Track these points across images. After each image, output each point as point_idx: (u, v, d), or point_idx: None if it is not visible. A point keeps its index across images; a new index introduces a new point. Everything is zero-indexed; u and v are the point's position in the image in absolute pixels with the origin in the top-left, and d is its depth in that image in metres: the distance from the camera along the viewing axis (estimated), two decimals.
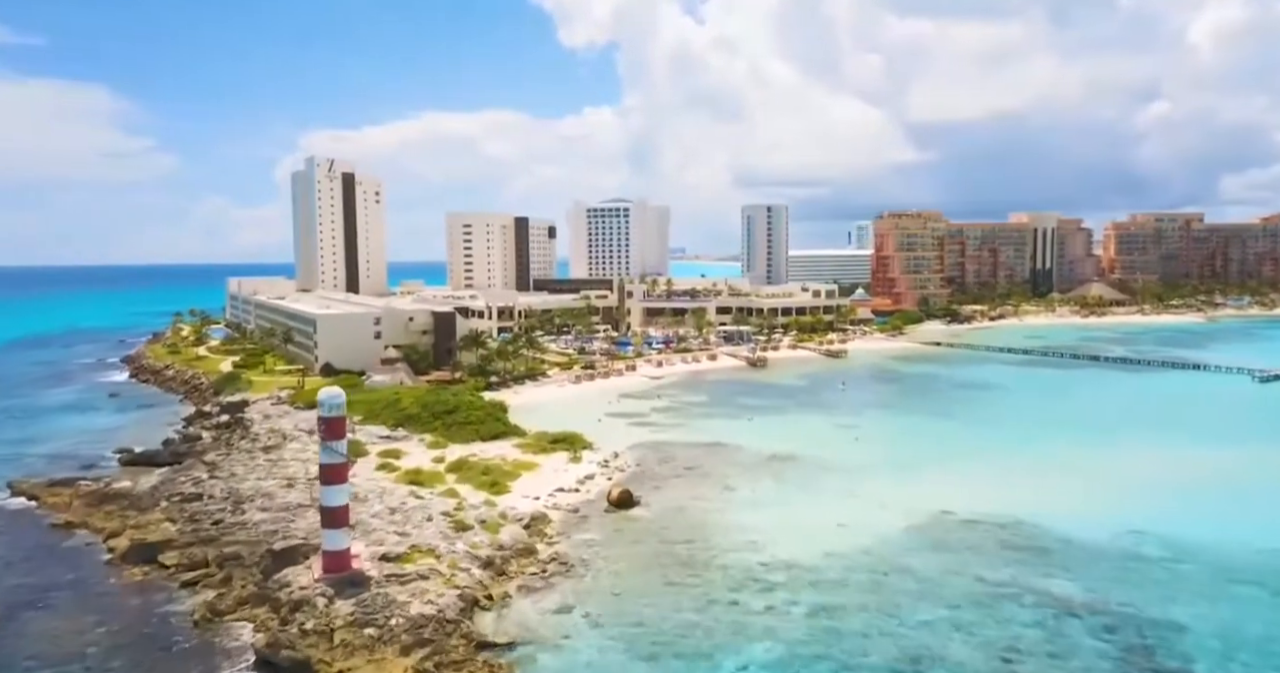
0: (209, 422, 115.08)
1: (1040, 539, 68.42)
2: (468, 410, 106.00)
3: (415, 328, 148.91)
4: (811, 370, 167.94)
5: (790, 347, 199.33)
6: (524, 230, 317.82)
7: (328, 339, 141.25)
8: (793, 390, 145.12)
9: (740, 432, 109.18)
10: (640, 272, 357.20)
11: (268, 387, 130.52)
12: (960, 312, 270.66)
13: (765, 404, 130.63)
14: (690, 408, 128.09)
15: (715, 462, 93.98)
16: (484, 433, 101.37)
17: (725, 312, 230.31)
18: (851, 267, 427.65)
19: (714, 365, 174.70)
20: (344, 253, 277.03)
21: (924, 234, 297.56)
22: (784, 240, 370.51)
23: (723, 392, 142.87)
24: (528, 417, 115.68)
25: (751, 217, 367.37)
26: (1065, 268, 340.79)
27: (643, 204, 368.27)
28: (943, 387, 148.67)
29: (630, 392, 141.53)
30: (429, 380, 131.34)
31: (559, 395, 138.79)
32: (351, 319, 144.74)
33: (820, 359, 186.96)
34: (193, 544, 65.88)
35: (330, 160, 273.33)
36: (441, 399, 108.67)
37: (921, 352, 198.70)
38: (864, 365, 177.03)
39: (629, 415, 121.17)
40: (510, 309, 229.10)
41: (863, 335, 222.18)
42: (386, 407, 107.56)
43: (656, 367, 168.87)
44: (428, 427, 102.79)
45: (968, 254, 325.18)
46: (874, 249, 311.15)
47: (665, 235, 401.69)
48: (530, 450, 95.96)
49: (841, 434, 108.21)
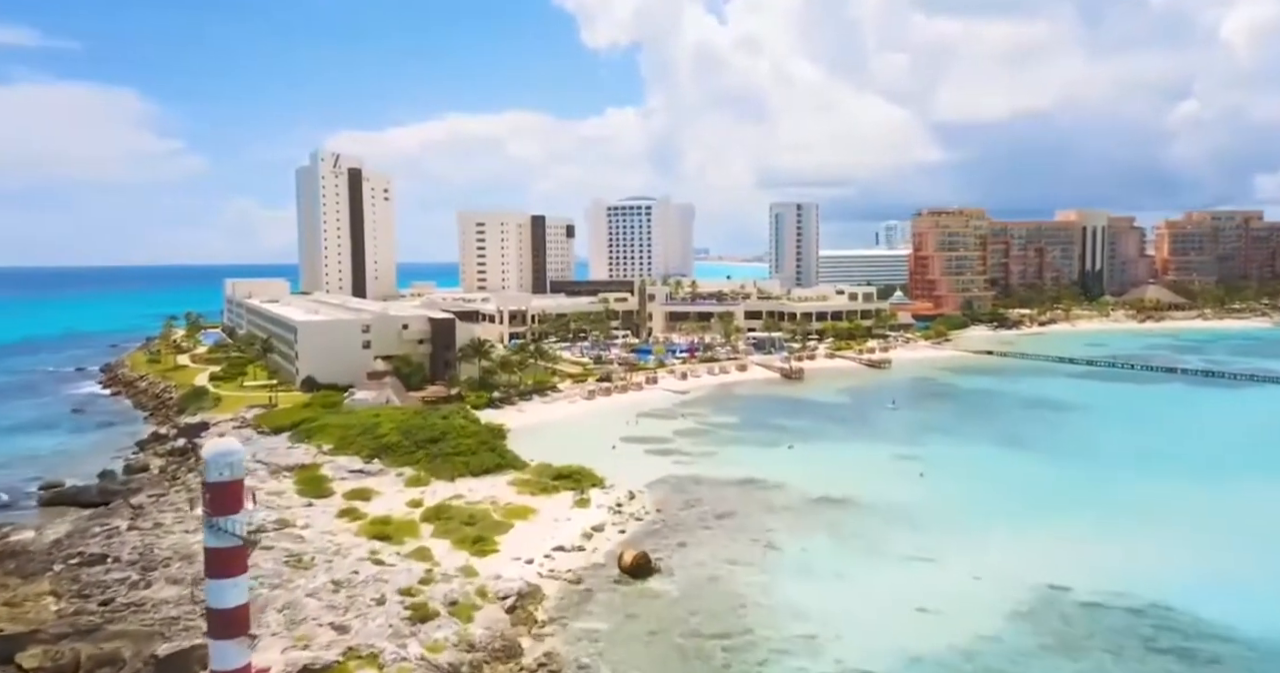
0: (163, 447, 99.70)
1: (1197, 633, 51.01)
2: (457, 438, 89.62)
3: (410, 336, 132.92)
4: (853, 384, 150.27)
5: (827, 355, 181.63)
6: (540, 230, 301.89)
7: (310, 349, 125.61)
8: (835, 409, 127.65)
9: (780, 463, 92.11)
10: (663, 273, 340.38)
11: (238, 404, 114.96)
12: (1007, 316, 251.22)
13: (805, 427, 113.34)
14: (719, 431, 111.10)
15: (752, 506, 76.97)
16: (475, 466, 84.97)
17: (754, 316, 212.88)
18: (882, 267, 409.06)
19: (743, 377, 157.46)
20: (350, 253, 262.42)
21: (966, 233, 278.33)
22: (814, 240, 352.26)
23: (755, 410, 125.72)
24: (531, 441, 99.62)
25: (780, 215, 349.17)
26: (1117, 269, 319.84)
27: (665, 202, 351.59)
28: (1007, 405, 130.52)
29: (650, 409, 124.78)
30: (421, 397, 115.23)
31: (570, 414, 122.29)
32: (337, 327, 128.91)
33: (861, 370, 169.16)
34: (67, 636, 49.76)
35: (335, 155, 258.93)
36: (427, 424, 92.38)
37: (972, 362, 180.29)
38: (911, 378, 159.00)
39: (648, 440, 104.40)
40: (522, 313, 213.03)
41: (905, 343, 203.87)
42: (363, 433, 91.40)
43: (680, 378, 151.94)
44: (409, 458, 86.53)
45: (1012, 254, 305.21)
46: (912, 249, 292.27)
47: (689, 235, 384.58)
48: (528, 490, 79.46)
49: (901, 469, 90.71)
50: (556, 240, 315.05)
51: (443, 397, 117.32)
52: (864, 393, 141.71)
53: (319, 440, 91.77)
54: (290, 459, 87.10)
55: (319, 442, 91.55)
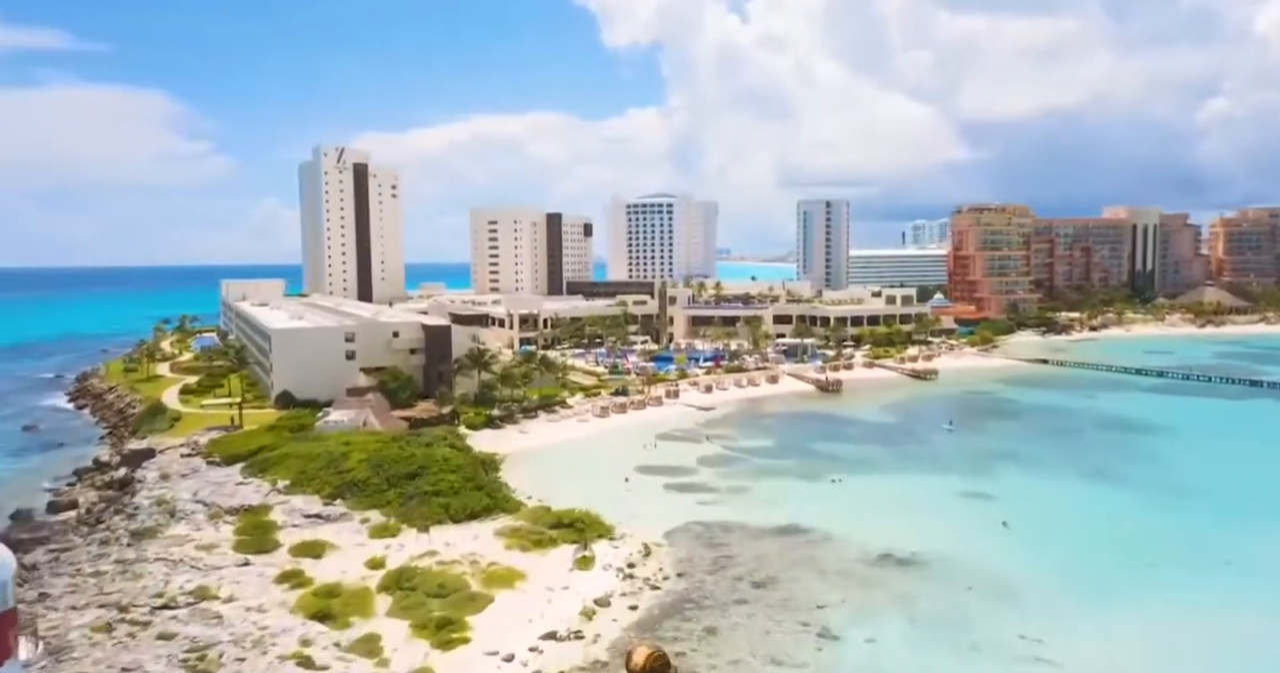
0: (103, 478, 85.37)
1: None
2: (438, 473, 74.47)
3: (401, 346, 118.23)
4: (898, 398, 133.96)
5: (865, 365, 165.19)
6: (556, 228, 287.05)
7: (285, 360, 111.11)
8: (882, 430, 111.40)
9: (825, 503, 76.40)
10: (684, 274, 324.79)
11: (200, 424, 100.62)
12: (1055, 320, 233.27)
13: (851, 453, 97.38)
14: (750, 458, 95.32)
15: (798, 568, 61.25)
16: (457, 510, 69.82)
17: (783, 321, 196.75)
18: (915, 268, 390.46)
19: (774, 390, 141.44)
20: (355, 253, 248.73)
21: (1009, 231, 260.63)
22: (844, 239, 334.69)
23: (791, 431, 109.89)
24: (531, 471, 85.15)
25: (808, 213, 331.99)
26: (1169, 269, 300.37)
27: (687, 199, 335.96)
28: (1080, 426, 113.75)
29: (671, 429, 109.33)
30: (406, 417, 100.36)
31: (579, 435, 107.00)
32: (315, 335, 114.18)
33: (904, 381, 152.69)
34: None
35: (340, 149, 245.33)
36: (404, 455, 77.30)
37: (1027, 372, 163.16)
38: (963, 392, 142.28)
39: (668, 471, 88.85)
40: (534, 317, 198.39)
41: (949, 350, 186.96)
42: (327, 465, 76.50)
43: (704, 392, 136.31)
44: (377, 499, 71.55)
45: (1057, 254, 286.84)
46: (951, 248, 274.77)
47: (712, 234, 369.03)
48: (519, 542, 64.20)
49: (976, 512, 74.62)
50: (573, 239, 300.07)
51: (432, 416, 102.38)
52: (913, 410, 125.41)
53: (275, 474, 77.02)
54: (236, 499, 72.38)
55: (275, 476, 76.80)
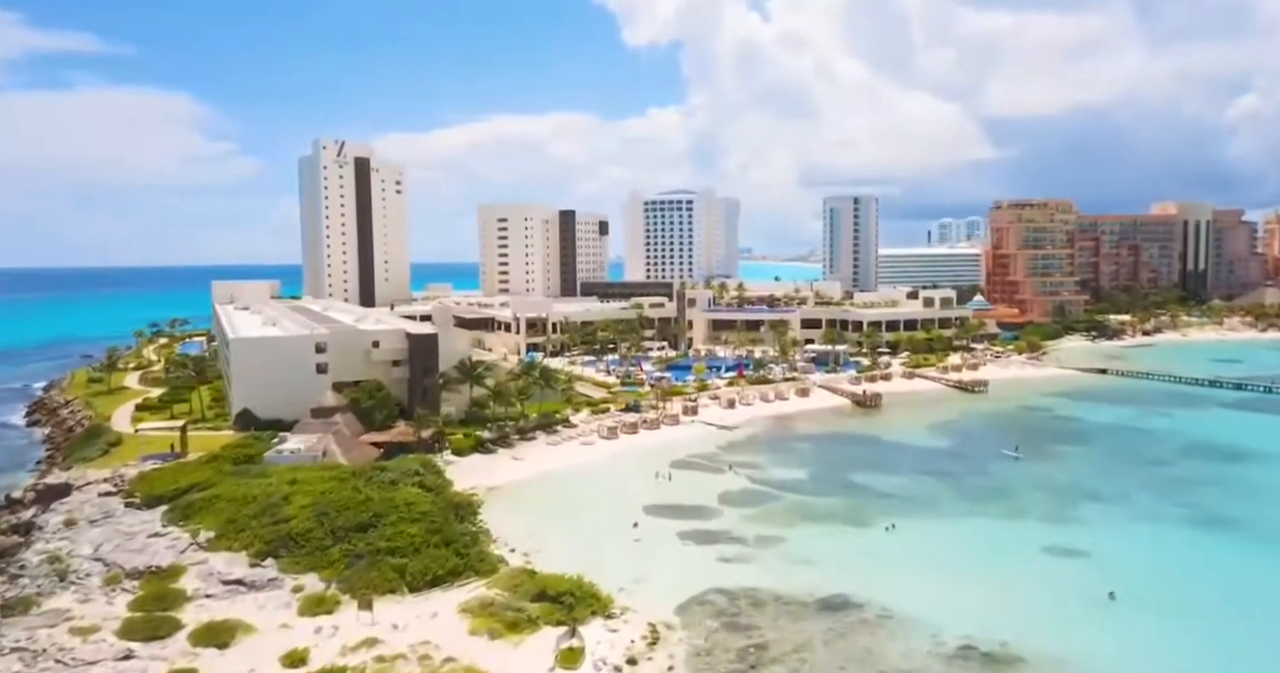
0: (10, 519, 71.61)
1: None
2: (397, 523, 60.03)
3: (382, 357, 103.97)
4: (946, 415, 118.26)
5: (904, 375, 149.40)
6: (570, 226, 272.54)
7: (246, 373, 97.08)
8: (935, 457, 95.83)
9: (881, 562, 61.35)
10: (706, 274, 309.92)
11: (139, 450, 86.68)
12: (1105, 324, 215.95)
13: (903, 488, 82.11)
14: (782, 495, 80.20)
15: (855, 668, 46.23)
16: (416, 574, 55.37)
17: (812, 325, 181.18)
18: (943, 267, 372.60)
19: (805, 405, 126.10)
20: (357, 252, 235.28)
21: (1052, 228, 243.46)
22: (873, 237, 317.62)
23: (829, 458, 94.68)
24: (519, 511, 71.40)
25: (835, 210, 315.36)
26: (1223, 269, 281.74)
27: (708, 195, 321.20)
28: (1166, 453, 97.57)
29: (688, 455, 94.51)
30: (377, 443, 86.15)
31: (581, 462, 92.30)
32: (281, 344, 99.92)
33: (949, 394, 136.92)
34: None
35: (340, 142, 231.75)
36: (358, 500, 62.86)
37: (1086, 384, 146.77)
38: (1019, 408, 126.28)
39: (683, 513, 73.95)
40: (542, 321, 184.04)
41: (995, 357, 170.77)
42: (263, 512, 62.19)
43: (726, 407, 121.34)
44: (318, 558, 57.18)
45: (1102, 252, 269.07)
46: (990, 246, 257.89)
47: (734, 232, 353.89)
48: (490, 624, 49.63)
49: (1072, 576, 59.18)
50: (588, 238, 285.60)
51: (409, 441, 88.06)
52: (966, 431, 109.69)
53: (200, 523, 62.82)
54: (144, 556, 58.25)
55: (199, 525, 62.60)
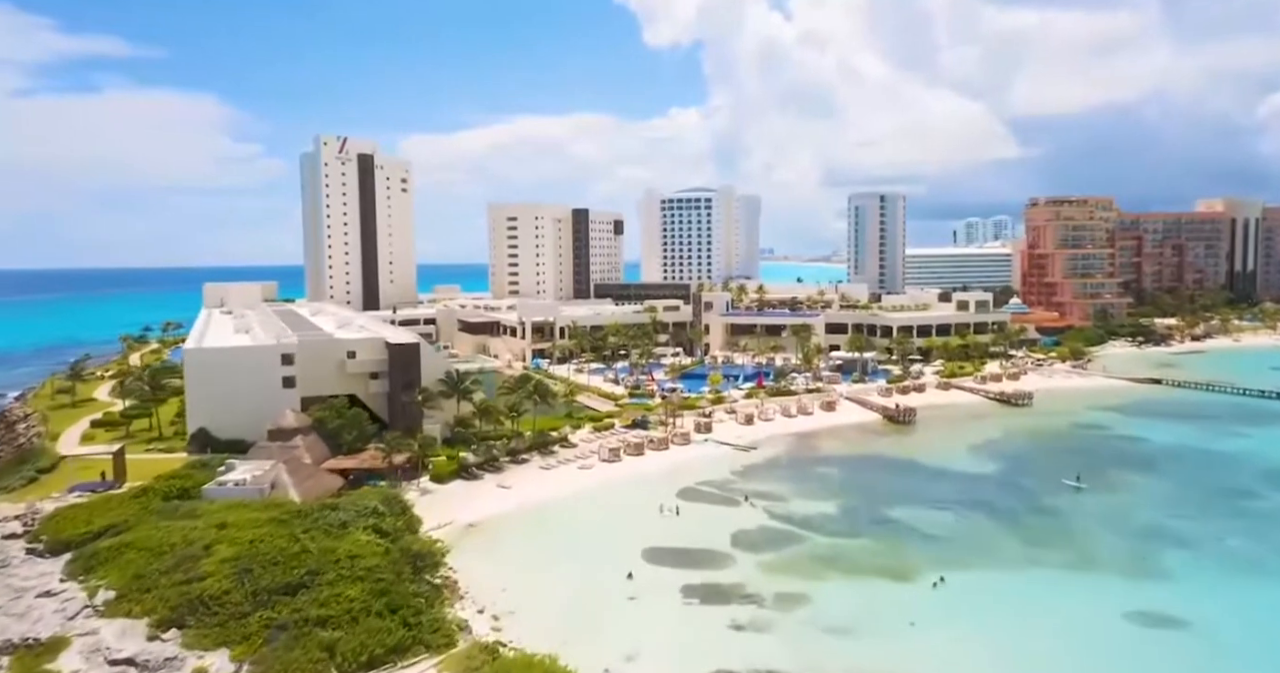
0: None
1: None
2: (335, 583, 49.04)
3: (358, 369, 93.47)
4: (990, 434, 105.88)
5: (939, 386, 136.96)
6: (583, 225, 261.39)
7: (202, 388, 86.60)
8: (984, 487, 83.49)
9: (931, 632, 49.68)
10: (725, 275, 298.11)
11: (74, 477, 76.29)
12: (1152, 328, 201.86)
13: (949, 527, 70.11)
14: (807, 535, 68.42)
15: None
16: (350, 653, 44.27)
17: (838, 330, 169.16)
18: (972, 267, 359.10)
19: (831, 420, 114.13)
20: (360, 252, 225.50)
21: (1092, 225, 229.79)
22: (900, 237, 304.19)
23: (860, 486, 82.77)
24: (497, 555, 61.28)
25: (860, 208, 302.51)
26: (1274, 269, 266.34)
27: (728, 193, 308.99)
28: (1251, 482, 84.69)
29: (699, 482, 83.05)
30: (339, 470, 75.39)
31: (577, 489, 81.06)
32: (242, 355, 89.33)
33: (990, 408, 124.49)
34: None
35: (342, 138, 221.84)
36: (292, 552, 51.92)
37: (1140, 395, 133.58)
38: (1071, 425, 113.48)
39: (690, 560, 62.56)
40: (549, 325, 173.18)
41: (1036, 365, 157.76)
42: (178, 565, 51.38)
43: (743, 423, 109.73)
44: (232, 629, 46.17)
45: (1145, 252, 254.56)
46: (1026, 245, 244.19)
47: (755, 231, 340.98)
48: None
49: (1173, 656, 47.20)
50: (602, 238, 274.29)
51: (377, 467, 77.21)
52: (1014, 453, 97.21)
53: (104, 576, 52.12)
54: (24, 624, 47.60)
55: (103, 579, 51.90)
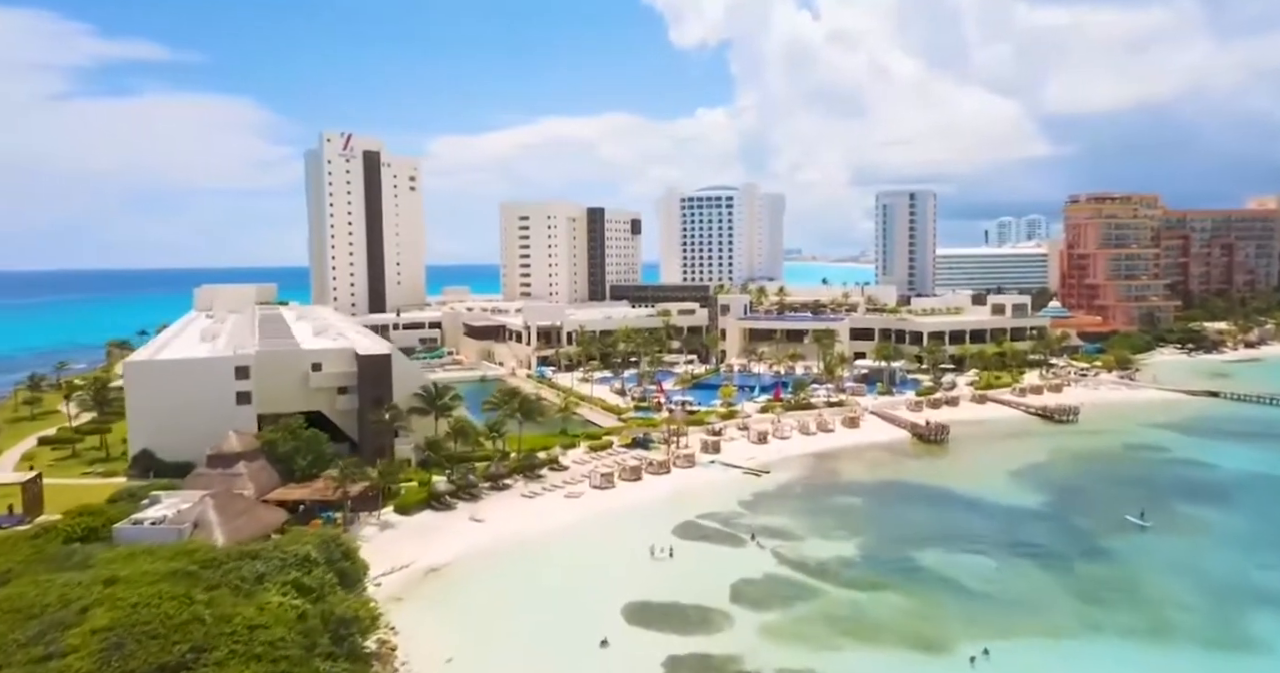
0: None
1: None
2: (225, 665, 39.15)
3: (324, 382, 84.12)
4: (1033, 456, 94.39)
5: (974, 398, 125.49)
6: (598, 225, 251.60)
7: (144, 404, 77.68)
8: (1027, 523, 72.25)
9: None
10: (747, 276, 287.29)
11: None
12: (1203, 334, 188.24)
13: (987, 578, 59.12)
14: (820, 589, 57.72)
15: None
16: None
17: (863, 335, 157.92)
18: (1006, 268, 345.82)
19: (854, 438, 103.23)
20: (365, 253, 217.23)
21: (1137, 224, 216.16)
22: (930, 237, 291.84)
23: (883, 523, 71.92)
24: (448, 616, 52.30)
25: (889, 206, 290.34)
26: None
27: (750, 191, 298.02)
28: None
29: (700, 514, 72.73)
30: (286, 501, 65.92)
31: (560, 523, 71.00)
32: (190, 369, 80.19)
33: (1031, 424, 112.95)
34: None
35: (347, 135, 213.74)
36: (180, 620, 42.07)
37: (1195, 410, 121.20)
38: (1124, 445, 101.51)
39: (678, 620, 52.27)
40: (555, 330, 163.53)
41: (1080, 375, 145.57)
42: (39, 637, 41.73)
43: (756, 441, 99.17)
44: None
45: (1192, 252, 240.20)
46: (1065, 245, 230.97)
47: (779, 231, 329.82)
48: None
49: None
50: (619, 238, 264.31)
51: (328, 498, 67.64)
52: (1062, 480, 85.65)
53: None
54: None
55: None
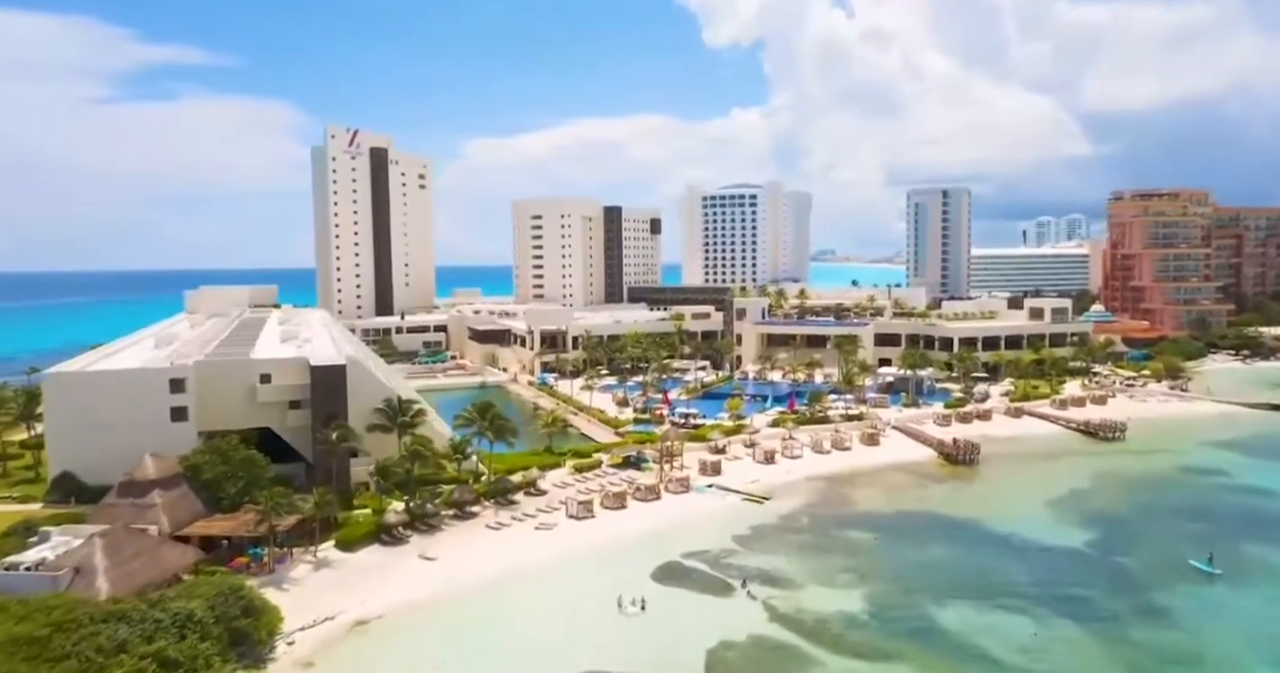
0: None
1: None
2: None
3: (273, 396, 75.19)
4: (1075, 481, 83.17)
5: (1009, 412, 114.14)
6: (615, 224, 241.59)
7: (66, 423, 69.35)
8: (1069, 568, 61.27)
9: None
10: (771, 277, 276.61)
11: None
12: (1259, 340, 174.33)
13: (1019, 643, 48.56)
14: (817, 661, 47.22)
15: None
16: None
17: (889, 341, 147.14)
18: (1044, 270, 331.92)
19: (872, 459, 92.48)
20: (372, 254, 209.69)
21: (1186, 222, 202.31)
22: (964, 236, 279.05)
23: (898, 567, 61.28)
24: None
25: (921, 205, 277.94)
26: None
27: (775, 189, 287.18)
28: None
29: (685, 554, 62.83)
30: (205, 538, 57.05)
31: (521, 564, 61.34)
32: (117, 382, 71.63)
33: (1072, 441, 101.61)
34: None
35: (352, 130, 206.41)
36: None
37: (1258, 426, 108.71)
38: (1179, 469, 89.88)
39: None
40: (560, 335, 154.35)
41: (1126, 386, 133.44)
42: None
43: (762, 460, 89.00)
44: None
45: (1246, 252, 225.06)
46: (1108, 244, 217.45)
47: (805, 230, 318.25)
48: None
49: None
50: (637, 237, 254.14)
51: (254, 533, 58.63)
52: (1110, 513, 74.22)
53: None
54: None
55: None
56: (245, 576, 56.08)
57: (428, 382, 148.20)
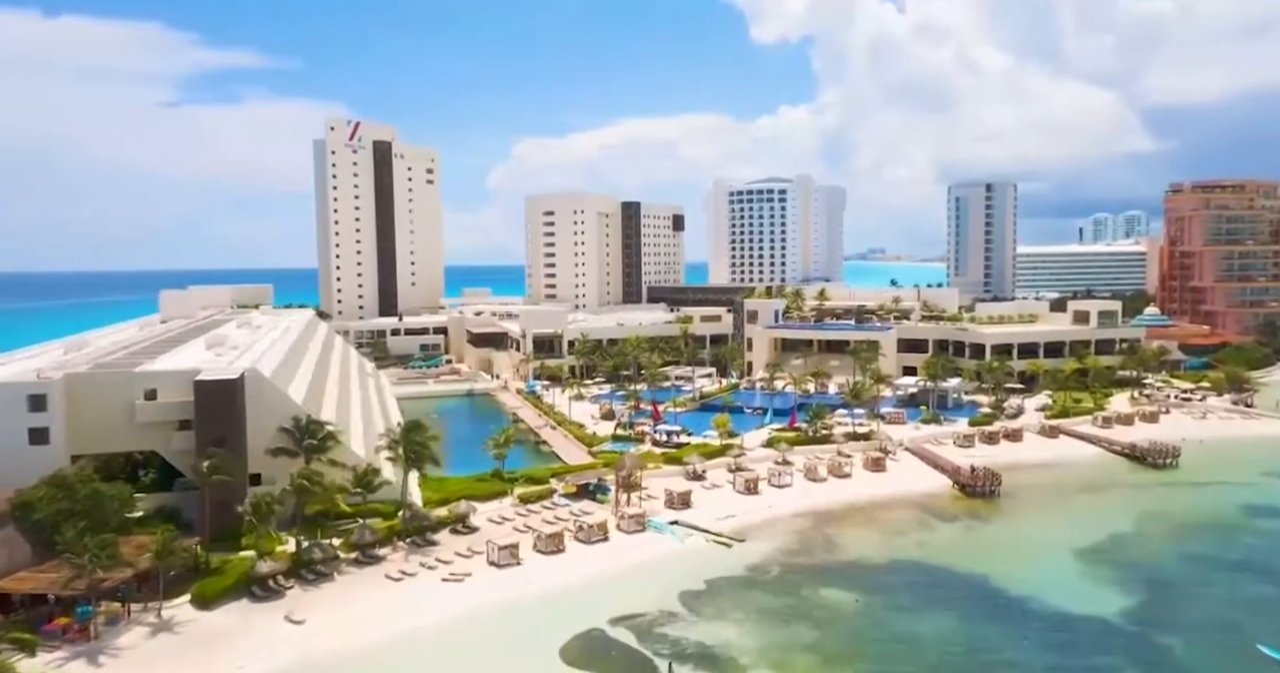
0: None
1: None
2: None
3: (158, 415, 64.50)
4: (1114, 524, 69.08)
5: (1043, 431, 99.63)
6: (634, 221, 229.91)
7: None
8: (1103, 649, 48.01)
9: None
10: (802, 276, 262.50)
11: None
12: None
13: None
14: None
15: None
16: None
17: (915, 347, 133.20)
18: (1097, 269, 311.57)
19: (874, 489, 79.13)
20: (375, 252, 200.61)
21: (1252, 217, 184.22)
22: (1009, 233, 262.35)
23: (881, 646, 48.21)
24: None
25: (962, 199, 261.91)
26: None
27: (805, 184, 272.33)
28: None
29: (613, 619, 50.67)
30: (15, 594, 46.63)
31: (404, 633, 49.74)
32: None
33: (1115, 468, 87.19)
34: None
35: (354, 123, 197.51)
36: None
37: None
38: (1242, 508, 74.83)
39: None
40: (555, 339, 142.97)
41: (1181, 400, 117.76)
42: None
43: (744, 490, 76.38)
44: None
45: None
46: (1165, 242, 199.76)
47: (839, 227, 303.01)
48: None
49: None
50: (659, 234, 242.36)
51: (62, 593, 47.86)
52: (1155, 571, 59.93)
53: None
54: None
55: None
56: (58, 643, 45.58)
57: (416, 388, 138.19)
